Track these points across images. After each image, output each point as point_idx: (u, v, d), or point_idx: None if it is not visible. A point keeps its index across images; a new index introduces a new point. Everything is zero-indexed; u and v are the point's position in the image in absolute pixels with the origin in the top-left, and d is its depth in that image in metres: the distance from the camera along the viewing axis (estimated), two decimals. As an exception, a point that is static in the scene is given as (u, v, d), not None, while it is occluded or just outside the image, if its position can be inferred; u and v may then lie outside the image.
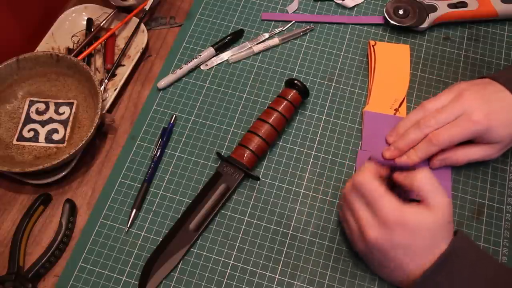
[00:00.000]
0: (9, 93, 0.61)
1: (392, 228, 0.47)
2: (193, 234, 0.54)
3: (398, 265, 0.48)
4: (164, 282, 0.53)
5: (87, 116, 0.61)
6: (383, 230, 0.47)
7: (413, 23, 0.66)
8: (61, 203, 0.57)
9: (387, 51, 0.65)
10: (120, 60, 0.66)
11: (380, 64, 0.64)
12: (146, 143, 0.61)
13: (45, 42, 0.67)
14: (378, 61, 0.64)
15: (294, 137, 0.61)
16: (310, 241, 0.55)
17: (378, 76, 0.63)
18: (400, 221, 0.47)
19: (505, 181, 0.58)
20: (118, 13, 0.69)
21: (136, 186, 0.58)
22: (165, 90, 0.65)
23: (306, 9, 0.70)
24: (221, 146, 0.61)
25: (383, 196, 0.48)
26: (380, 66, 0.64)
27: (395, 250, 0.48)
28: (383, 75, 0.64)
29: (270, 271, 0.54)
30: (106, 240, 0.55)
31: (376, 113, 0.61)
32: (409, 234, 0.47)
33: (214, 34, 0.69)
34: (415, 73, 0.65)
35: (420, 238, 0.47)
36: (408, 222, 0.47)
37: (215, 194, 0.56)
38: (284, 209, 0.57)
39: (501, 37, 0.68)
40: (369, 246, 0.49)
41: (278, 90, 0.64)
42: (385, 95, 0.62)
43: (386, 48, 0.66)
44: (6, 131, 0.60)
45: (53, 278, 0.54)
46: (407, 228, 0.47)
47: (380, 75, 0.63)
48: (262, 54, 0.67)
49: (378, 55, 0.65)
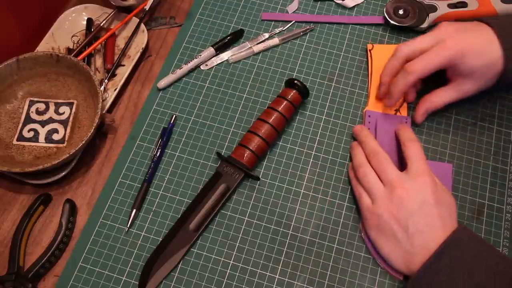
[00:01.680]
0: (9, 93, 0.61)
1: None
2: (193, 234, 0.54)
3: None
4: (164, 282, 0.53)
5: (87, 116, 0.61)
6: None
7: (413, 23, 0.66)
8: (61, 203, 0.57)
9: (384, 53, 0.65)
10: (120, 60, 0.66)
11: (377, 67, 0.64)
12: (146, 143, 0.61)
13: (45, 42, 0.67)
14: (374, 65, 0.65)
15: (294, 137, 0.61)
16: (310, 241, 0.55)
17: (376, 78, 0.63)
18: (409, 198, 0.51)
19: (505, 181, 0.58)
20: (118, 13, 0.69)
21: (136, 186, 0.58)
22: (165, 90, 0.65)
23: (306, 9, 0.70)
24: (221, 146, 0.61)
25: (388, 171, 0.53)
26: (377, 69, 0.64)
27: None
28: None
29: (270, 271, 0.54)
30: (106, 240, 0.55)
31: (377, 112, 0.61)
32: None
33: (214, 34, 0.69)
34: (415, 73, 0.65)
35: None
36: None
37: (215, 194, 0.56)
38: (284, 209, 0.57)
39: (501, 37, 0.68)
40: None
41: (278, 90, 0.64)
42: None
43: (383, 50, 0.65)
44: (6, 131, 0.60)
45: (53, 278, 0.54)
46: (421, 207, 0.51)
47: (378, 77, 0.63)
48: (262, 54, 0.67)
49: (374, 58, 0.65)
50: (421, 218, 0.50)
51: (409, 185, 0.51)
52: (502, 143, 0.61)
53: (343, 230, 0.56)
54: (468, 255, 0.48)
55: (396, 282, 0.53)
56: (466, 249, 0.48)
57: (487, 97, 0.63)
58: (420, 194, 0.51)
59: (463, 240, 0.48)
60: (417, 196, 0.50)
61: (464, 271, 0.47)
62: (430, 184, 0.51)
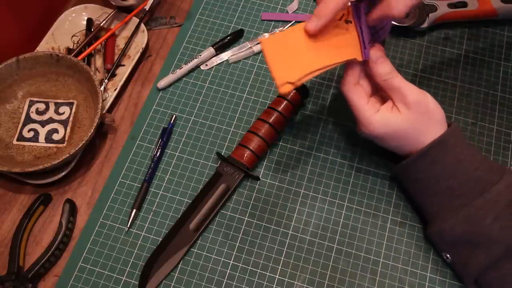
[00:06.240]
0: (9, 93, 0.61)
1: (372, 137, 0.52)
2: (193, 234, 0.54)
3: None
4: (164, 282, 0.53)
5: (87, 116, 0.61)
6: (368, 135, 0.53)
7: (413, 23, 0.66)
8: (61, 203, 0.57)
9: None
10: (120, 60, 0.66)
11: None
12: (146, 143, 0.61)
13: (45, 42, 0.67)
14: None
15: (294, 137, 0.61)
16: (310, 241, 0.55)
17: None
18: (374, 135, 0.51)
19: (505, 181, 0.58)
20: (118, 13, 0.69)
21: (136, 186, 0.58)
22: (165, 90, 0.65)
23: (306, 9, 0.70)
24: (221, 146, 0.61)
25: (359, 109, 0.51)
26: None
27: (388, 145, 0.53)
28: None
29: (270, 271, 0.54)
30: (106, 240, 0.55)
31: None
32: (387, 140, 0.52)
33: (214, 34, 0.69)
34: (415, 73, 0.65)
35: (400, 138, 0.51)
36: (379, 135, 0.51)
37: (215, 194, 0.56)
38: (284, 209, 0.57)
39: (501, 37, 0.68)
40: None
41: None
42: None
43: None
44: (6, 131, 0.60)
45: (53, 278, 0.54)
46: (384, 138, 0.52)
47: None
48: (262, 54, 0.67)
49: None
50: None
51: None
52: (502, 143, 0.61)
53: (343, 230, 0.56)
54: (449, 158, 0.50)
55: (396, 282, 0.53)
56: (449, 152, 0.50)
57: (488, 96, 0.63)
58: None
59: (450, 143, 0.50)
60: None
61: (442, 173, 0.50)
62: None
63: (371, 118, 0.50)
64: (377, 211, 0.57)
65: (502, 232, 0.48)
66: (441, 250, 0.53)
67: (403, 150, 0.53)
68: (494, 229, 0.48)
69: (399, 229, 0.56)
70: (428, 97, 0.51)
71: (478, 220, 0.48)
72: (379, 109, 0.51)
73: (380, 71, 0.50)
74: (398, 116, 0.50)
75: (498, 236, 0.48)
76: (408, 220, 0.56)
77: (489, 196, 0.48)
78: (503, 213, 0.48)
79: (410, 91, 0.50)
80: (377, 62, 0.50)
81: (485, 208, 0.48)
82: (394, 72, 0.51)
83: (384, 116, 0.50)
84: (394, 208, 0.57)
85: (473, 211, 0.48)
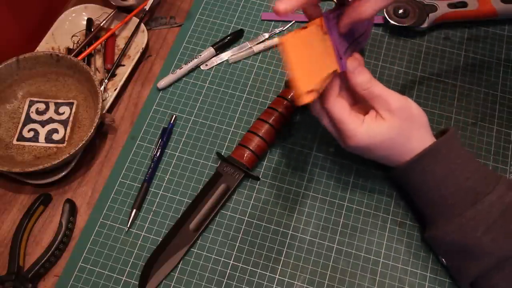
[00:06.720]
0: (9, 93, 0.61)
1: (359, 150, 0.52)
2: (193, 234, 0.54)
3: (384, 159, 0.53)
4: (164, 282, 0.53)
5: (87, 116, 0.61)
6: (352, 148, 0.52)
7: (413, 23, 0.66)
8: (61, 203, 0.57)
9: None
10: (120, 60, 0.66)
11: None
12: (146, 143, 0.61)
13: (45, 42, 0.67)
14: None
15: (294, 137, 0.61)
16: (310, 241, 0.55)
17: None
18: (361, 146, 0.50)
19: (505, 181, 0.58)
20: (118, 13, 0.69)
21: (136, 186, 0.58)
22: (165, 90, 0.65)
23: (306, 9, 0.70)
24: (221, 146, 0.61)
25: (343, 122, 0.50)
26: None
27: (373, 156, 0.53)
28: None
29: (270, 271, 0.54)
30: (106, 240, 0.55)
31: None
32: (374, 151, 0.51)
33: (214, 34, 0.69)
34: (415, 73, 0.65)
35: (387, 147, 0.50)
36: (365, 146, 0.50)
37: (215, 194, 0.56)
38: (284, 209, 0.57)
39: (501, 37, 0.68)
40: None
41: (278, 90, 0.64)
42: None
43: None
44: (6, 131, 0.60)
45: (53, 278, 0.54)
46: (370, 149, 0.51)
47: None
48: (262, 54, 0.67)
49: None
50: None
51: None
52: (502, 143, 0.61)
53: (343, 230, 0.56)
54: (440, 168, 0.50)
55: (396, 282, 0.53)
56: (441, 161, 0.50)
57: (487, 96, 0.63)
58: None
59: (441, 152, 0.50)
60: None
61: (432, 182, 0.50)
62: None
63: (356, 130, 0.49)
64: (377, 211, 0.57)
65: (493, 244, 0.47)
66: (438, 253, 0.53)
67: (390, 159, 0.52)
68: (485, 241, 0.47)
69: (399, 229, 0.56)
70: (410, 102, 0.50)
71: (469, 231, 0.48)
72: (363, 120, 0.50)
73: (358, 81, 0.49)
74: (383, 124, 0.49)
75: (489, 248, 0.47)
76: (408, 220, 0.56)
77: (481, 207, 0.47)
78: (495, 225, 0.47)
79: (392, 98, 0.49)
80: (355, 72, 0.49)
81: (477, 218, 0.47)
82: (374, 80, 0.50)
83: (369, 126, 0.49)
84: (394, 208, 0.57)
85: (465, 222, 0.48)
